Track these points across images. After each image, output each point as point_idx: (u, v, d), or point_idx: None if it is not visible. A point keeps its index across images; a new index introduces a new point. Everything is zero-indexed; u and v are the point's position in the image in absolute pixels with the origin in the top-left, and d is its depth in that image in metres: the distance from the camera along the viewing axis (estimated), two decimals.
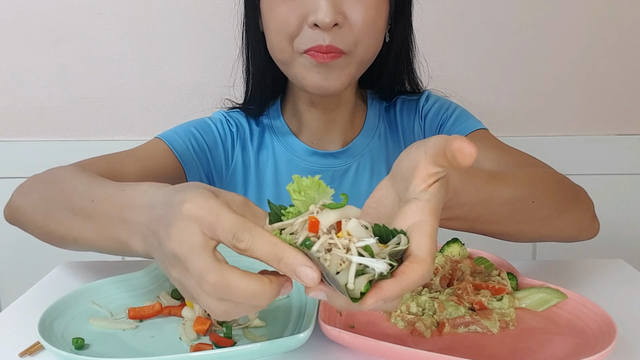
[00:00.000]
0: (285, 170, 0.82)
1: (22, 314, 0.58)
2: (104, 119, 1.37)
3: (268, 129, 0.84)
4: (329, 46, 0.65)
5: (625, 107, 1.36)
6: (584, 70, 1.33)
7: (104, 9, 1.31)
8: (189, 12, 1.31)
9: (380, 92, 0.84)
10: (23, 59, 1.34)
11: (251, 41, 0.77)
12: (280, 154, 0.82)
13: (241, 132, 0.84)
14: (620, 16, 1.30)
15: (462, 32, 1.31)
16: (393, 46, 0.77)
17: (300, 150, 0.82)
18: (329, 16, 0.63)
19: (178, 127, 0.82)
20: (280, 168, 0.82)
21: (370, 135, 0.83)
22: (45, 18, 1.31)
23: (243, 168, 0.83)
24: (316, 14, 0.64)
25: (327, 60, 0.66)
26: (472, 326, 0.50)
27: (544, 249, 1.41)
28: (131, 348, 0.49)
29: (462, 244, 0.64)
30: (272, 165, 0.82)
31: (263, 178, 0.82)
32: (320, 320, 0.48)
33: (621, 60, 1.33)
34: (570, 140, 1.36)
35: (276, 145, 0.83)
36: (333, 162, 0.81)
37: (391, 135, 0.84)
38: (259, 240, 0.38)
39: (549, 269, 0.68)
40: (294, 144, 0.82)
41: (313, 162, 0.81)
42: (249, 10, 0.76)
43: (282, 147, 0.82)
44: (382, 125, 0.84)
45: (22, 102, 1.36)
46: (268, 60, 0.77)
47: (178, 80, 1.34)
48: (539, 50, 1.32)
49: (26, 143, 1.37)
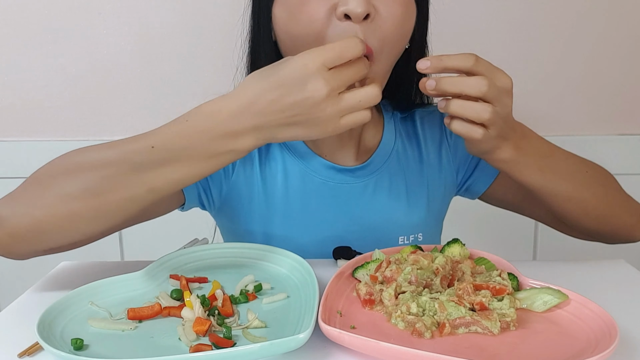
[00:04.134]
0: (299, 185, 0.78)
1: (21, 314, 0.58)
2: (103, 119, 1.37)
3: (279, 144, 0.80)
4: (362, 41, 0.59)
5: (625, 107, 1.35)
6: (584, 70, 1.33)
7: (103, 8, 1.31)
8: (189, 12, 1.31)
9: (397, 102, 0.82)
10: (23, 59, 1.34)
11: (260, 51, 0.73)
12: (292, 166, 0.78)
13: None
14: (621, 16, 1.30)
15: (462, 32, 1.31)
16: (412, 51, 0.73)
17: (315, 164, 0.78)
18: (361, 6, 0.58)
19: None
20: (292, 182, 0.78)
21: (388, 152, 0.81)
22: (44, 18, 1.31)
23: (246, 182, 0.79)
24: (347, 3, 0.59)
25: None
26: (473, 327, 0.50)
27: (544, 250, 1.41)
28: (130, 349, 0.49)
29: (462, 244, 0.64)
30: (282, 179, 0.78)
31: (272, 192, 0.78)
32: (320, 320, 0.48)
33: (621, 60, 1.33)
34: (571, 140, 1.36)
35: (287, 158, 0.79)
36: (350, 179, 0.78)
37: (410, 148, 0.82)
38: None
39: (549, 270, 0.68)
40: (307, 156, 0.78)
41: (329, 177, 0.78)
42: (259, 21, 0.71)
43: (294, 159, 0.78)
44: (399, 140, 0.82)
45: (22, 102, 1.36)
46: None
47: (178, 80, 1.34)
48: (539, 51, 1.32)
49: (26, 143, 1.37)
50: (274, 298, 0.58)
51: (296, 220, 0.78)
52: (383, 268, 0.59)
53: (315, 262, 0.64)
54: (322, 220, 0.78)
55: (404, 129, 0.84)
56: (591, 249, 1.40)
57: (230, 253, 0.70)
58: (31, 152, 1.36)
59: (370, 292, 0.56)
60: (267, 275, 0.65)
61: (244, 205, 0.80)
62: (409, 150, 0.82)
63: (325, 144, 0.79)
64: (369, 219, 0.79)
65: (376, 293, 0.56)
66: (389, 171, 0.80)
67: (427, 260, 0.58)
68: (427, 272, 0.57)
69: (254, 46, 0.74)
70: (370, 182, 0.79)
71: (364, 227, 0.78)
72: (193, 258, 0.68)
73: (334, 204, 0.78)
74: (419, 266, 0.58)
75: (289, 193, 0.78)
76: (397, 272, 0.57)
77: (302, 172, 0.78)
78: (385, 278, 0.58)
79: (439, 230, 0.87)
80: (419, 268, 0.57)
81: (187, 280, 0.61)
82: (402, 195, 0.80)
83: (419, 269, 0.57)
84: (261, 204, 0.79)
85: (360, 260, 0.63)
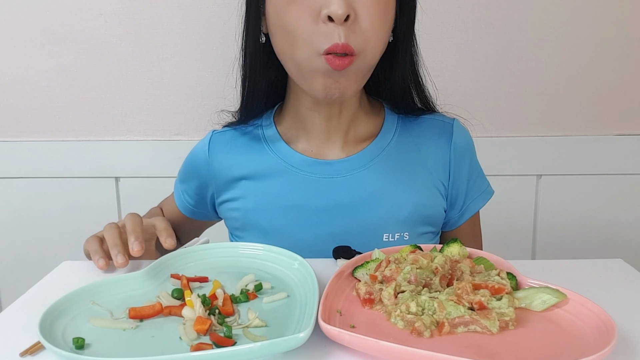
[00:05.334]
0: (283, 181, 0.80)
1: (22, 314, 0.58)
2: (104, 119, 1.37)
3: (262, 139, 0.83)
4: (344, 45, 0.66)
5: (625, 107, 1.36)
6: (584, 70, 1.34)
7: (104, 9, 1.31)
8: (189, 12, 1.31)
9: (392, 100, 0.83)
10: (23, 59, 1.34)
11: (249, 46, 0.77)
12: (276, 164, 0.81)
13: (223, 149, 0.85)
14: (621, 16, 1.30)
15: (462, 32, 1.31)
16: (398, 43, 0.77)
17: (297, 161, 0.81)
18: (341, 8, 0.64)
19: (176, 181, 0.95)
20: (276, 178, 0.81)
21: (382, 147, 0.82)
22: (45, 18, 1.31)
23: (231, 181, 0.84)
24: (329, 6, 0.65)
25: (342, 67, 0.67)
26: (472, 326, 0.50)
27: (543, 249, 1.42)
28: (131, 348, 0.49)
29: (461, 244, 0.64)
30: (266, 176, 0.81)
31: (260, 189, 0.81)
32: (320, 320, 0.48)
33: (621, 60, 1.33)
34: (571, 140, 1.36)
35: (270, 156, 0.82)
36: (332, 171, 0.80)
37: (407, 150, 0.83)
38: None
39: (548, 269, 0.68)
40: (289, 154, 0.81)
41: (311, 172, 0.80)
42: (250, 17, 0.76)
43: (276, 157, 0.81)
44: (395, 138, 0.83)
45: (22, 102, 1.36)
46: (266, 66, 0.77)
47: (178, 80, 1.34)
48: (539, 51, 1.33)
49: (26, 143, 1.37)
50: (274, 297, 0.58)
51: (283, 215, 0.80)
52: (382, 267, 0.59)
53: (315, 262, 0.65)
54: (305, 214, 0.79)
55: (404, 130, 0.84)
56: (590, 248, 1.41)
57: (230, 253, 0.70)
58: (31, 152, 1.36)
59: (369, 292, 0.56)
60: (267, 275, 0.65)
61: (235, 204, 0.83)
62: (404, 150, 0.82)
63: (312, 138, 0.81)
64: (355, 213, 0.79)
65: (376, 292, 0.56)
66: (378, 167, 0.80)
67: (427, 260, 0.58)
68: (426, 271, 0.57)
69: (245, 44, 0.78)
70: (355, 176, 0.80)
71: (348, 221, 0.79)
72: (194, 258, 0.68)
73: (316, 197, 0.79)
74: (418, 265, 0.58)
75: (274, 187, 0.80)
76: (397, 271, 0.57)
77: (284, 169, 0.81)
78: (384, 277, 0.58)
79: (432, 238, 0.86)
80: (418, 267, 0.57)
81: (188, 280, 0.61)
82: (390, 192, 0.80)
83: (418, 269, 0.57)
84: (250, 202, 0.82)
85: (359, 260, 0.63)
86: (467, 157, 0.85)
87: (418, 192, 0.81)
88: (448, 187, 0.84)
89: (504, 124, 1.37)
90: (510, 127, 1.37)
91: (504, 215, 1.39)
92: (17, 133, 1.38)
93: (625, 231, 1.38)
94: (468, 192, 0.86)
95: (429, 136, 0.84)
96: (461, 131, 0.85)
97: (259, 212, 0.81)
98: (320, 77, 0.69)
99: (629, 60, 1.33)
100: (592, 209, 1.39)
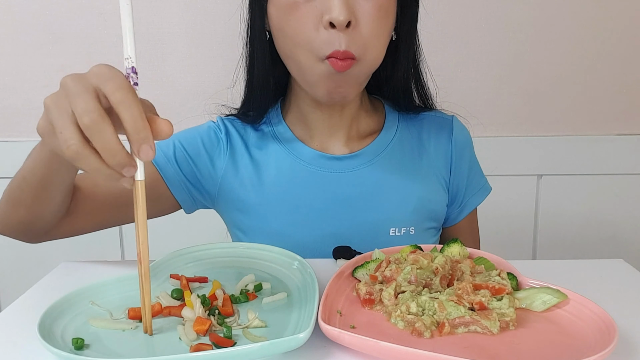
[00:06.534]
0: (289, 175, 0.80)
1: (22, 314, 0.58)
2: None
3: (270, 135, 0.83)
4: (345, 52, 0.66)
5: (625, 107, 1.36)
6: (584, 70, 1.34)
7: (104, 9, 1.31)
8: (189, 12, 1.31)
9: (394, 98, 0.84)
10: (23, 59, 1.34)
11: (255, 43, 0.77)
12: (285, 159, 0.81)
13: (233, 139, 0.83)
14: (620, 16, 1.30)
15: (462, 32, 1.31)
16: (401, 42, 0.77)
17: (306, 155, 0.81)
18: (342, 14, 0.64)
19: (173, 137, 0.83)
20: (285, 173, 0.81)
21: (386, 143, 0.82)
22: (45, 18, 1.31)
23: (237, 174, 0.81)
24: (330, 12, 0.65)
25: (344, 69, 0.67)
26: (472, 326, 0.50)
27: (544, 249, 1.42)
28: (131, 348, 0.49)
29: (462, 244, 0.64)
30: (275, 170, 0.81)
31: (264, 183, 0.81)
32: (320, 320, 0.48)
33: (621, 60, 1.33)
34: (571, 140, 1.36)
35: (279, 151, 0.82)
36: (339, 166, 0.80)
37: (410, 145, 0.84)
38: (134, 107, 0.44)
39: (549, 269, 0.68)
40: (298, 148, 0.81)
41: (319, 166, 0.80)
42: (255, 15, 0.75)
43: (286, 152, 0.81)
44: (398, 135, 0.84)
45: (22, 102, 1.36)
46: (272, 62, 0.77)
47: (178, 80, 1.34)
48: (539, 50, 1.32)
49: (26, 143, 1.36)
50: (274, 298, 0.58)
51: (288, 210, 0.80)
52: (383, 268, 0.59)
53: (315, 262, 0.64)
54: (311, 209, 0.79)
55: (406, 128, 0.85)
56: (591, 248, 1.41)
57: (230, 253, 0.70)
58: None
59: (370, 292, 0.56)
60: (267, 275, 0.65)
61: (238, 197, 0.82)
62: (406, 146, 0.83)
63: (317, 134, 0.81)
64: (362, 209, 0.79)
65: (376, 293, 0.56)
66: (383, 162, 0.81)
67: (427, 260, 0.58)
68: (426, 271, 0.57)
69: (251, 41, 0.78)
70: (361, 171, 0.80)
71: (355, 216, 0.79)
72: (193, 258, 0.68)
73: (324, 192, 0.79)
74: (418, 266, 0.58)
75: (281, 182, 0.80)
76: (397, 271, 0.57)
77: (292, 163, 0.80)
78: (385, 278, 0.58)
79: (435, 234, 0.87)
80: (418, 268, 0.57)
81: (188, 280, 0.61)
82: (396, 187, 0.81)
83: (419, 269, 0.57)
84: (254, 196, 0.81)
85: (360, 260, 0.63)
86: (467, 152, 0.87)
87: (423, 186, 0.82)
88: (449, 181, 0.85)
89: (504, 123, 1.37)
90: (510, 127, 1.37)
91: (505, 215, 1.39)
92: (17, 133, 1.38)
93: (626, 231, 1.38)
94: (467, 188, 0.87)
95: (430, 132, 0.85)
96: (460, 127, 0.87)
97: (265, 206, 0.80)
98: (323, 81, 0.69)
99: (629, 60, 1.33)
100: (593, 209, 1.39)
